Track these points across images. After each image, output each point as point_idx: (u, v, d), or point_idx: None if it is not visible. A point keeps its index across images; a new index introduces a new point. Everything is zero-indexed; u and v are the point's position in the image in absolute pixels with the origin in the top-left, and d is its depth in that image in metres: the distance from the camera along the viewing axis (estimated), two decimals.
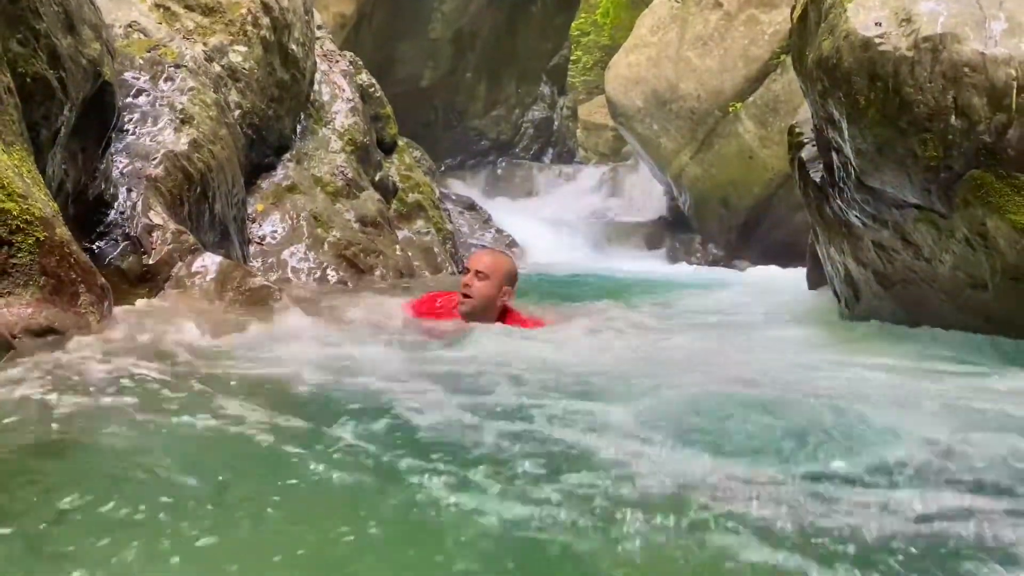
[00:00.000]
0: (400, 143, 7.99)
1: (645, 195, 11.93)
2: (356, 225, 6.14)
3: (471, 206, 10.05)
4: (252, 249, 5.50)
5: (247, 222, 5.50)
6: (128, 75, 4.66)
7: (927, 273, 3.34)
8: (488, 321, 3.69)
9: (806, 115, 4.37)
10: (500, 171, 13.31)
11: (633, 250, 10.65)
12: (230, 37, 5.60)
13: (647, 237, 10.98)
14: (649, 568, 1.43)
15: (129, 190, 4.14)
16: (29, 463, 1.73)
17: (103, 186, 3.98)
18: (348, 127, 6.68)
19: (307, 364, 2.63)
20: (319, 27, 7.22)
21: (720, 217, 10.04)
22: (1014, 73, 2.80)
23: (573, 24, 15.67)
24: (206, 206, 4.65)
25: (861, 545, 1.48)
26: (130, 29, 5.03)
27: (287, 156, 6.16)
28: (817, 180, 3.96)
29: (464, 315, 3.70)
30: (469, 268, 3.80)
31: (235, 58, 5.58)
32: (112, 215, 4.01)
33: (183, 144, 4.55)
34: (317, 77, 6.72)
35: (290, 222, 5.78)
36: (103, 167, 3.98)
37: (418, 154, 9.54)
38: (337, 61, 7.10)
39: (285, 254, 5.63)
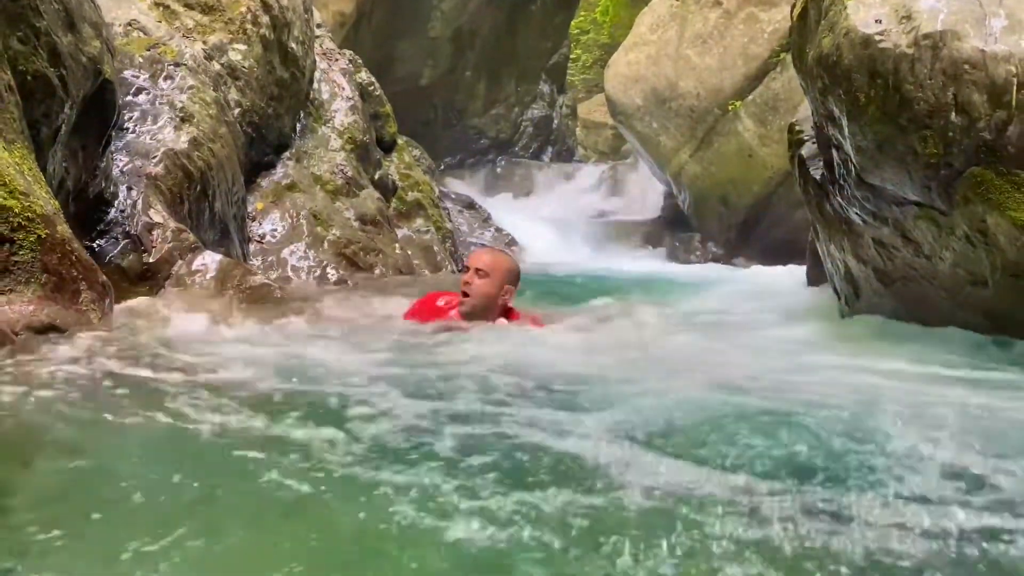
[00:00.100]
0: (399, 142, 7.98)
1: (644, 194, 11.91)
2: (356, 223, 6.15)
3: (470, 205, 10.05)
4: (252, 247, 5.50)
5: (247, 220, 5.50)
6: (128, 73, 4.66)
7: (927, 270, 3.34)
8: (488, 320, 3.60)
9: (806, 113, 4.37)
10: (499, 170, 13.30)
11: (633, 249, 10.64)
12: (230, 35, 5.60)
13: (647, 236, 10.97)
14: None
15: (129, 188, 4.15)
16: None
17: (103, 184, 3.98)
18: (348, 125, 6.68)
19: (294, 366, 2.57)
20: (318, 25, 7.22)
21: (720, 215, 10.04)
22: (1014, 70, 2.81)
23: (572, 22, 15.66)
24: (206, 204, 4.65)
25: (860, 567, 1.37)
26: (130, 27, 5.03)
27: (287, 154, 6.16)
28: (817, 177, 3.96)
29: (464, 315, 3.60)
30: (469, 266, 3.70)
31: (235, 56, 5.58)
32: (112, 213, 4.02)
33: (183, 142, 4.55)
34: (317, 75, 6.72)
35: (290, 220, 5.78)
36: (103, 165, 3.98)
37: (417, 153, 9.54)
38: (336, 59, 7.10)
39: (285, 252, 5.63)
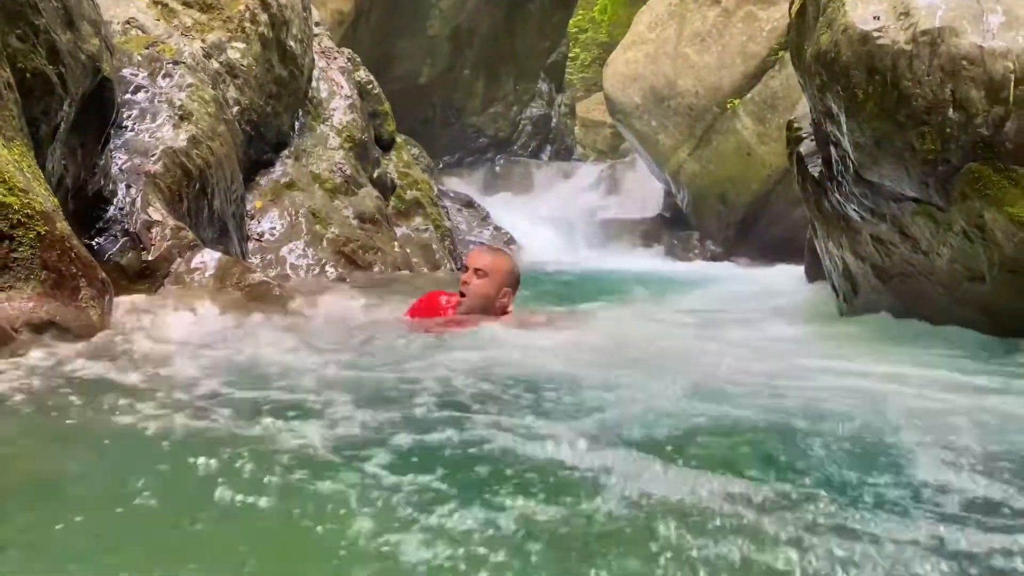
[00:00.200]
0: (398, 140, 7.99)
1: (643, 192, 11.93)
2: (354, 222, 6.15)
3: (469, 203, 10.06)
4: (251, 246, 5.50)
5: (246, 219, 5.50)
6: (127, 72, 4.66)
7: (925, 266, 3.35)
8: (487, 319, 3.51)
9: (804, 110, 4.38)
10: (498, 168, 13.30)
11: (631, 247, 10.66)
12: (228, 34, 5.60)
13: (645, 234, 10.99)
14: None
15: (128, 186, 4.14)
16: None
17: (102, 182, 3.98)
18: (346, 124, 6.68)
19: (265, 369, 2.47)
20: (317, 24, 7.22)
21: (718, 214, 10.05)
22: (1011, 66, 2.81)
23: (571, 21, 15.67)
24: (205, 202, 4.65)
25: None
26: (128, 26, 5.03)
27: (285, 153, 6.17)
28: (815, 174, 3.97)
29: (460, 314, 3.53)
30: (468, 266, 3.63)
31: (233, 55, 5.58)
32: (111, 211, 4.01)
33: (182, 140, 4.55)
34: (315, 74, 6.72)
35: (289, 219, 5.78)
36: (102, 163, 3.98)
37: (416, 151, 9.54)
38: (335, 58, 7.10)
39: (284, 251, 5.64)
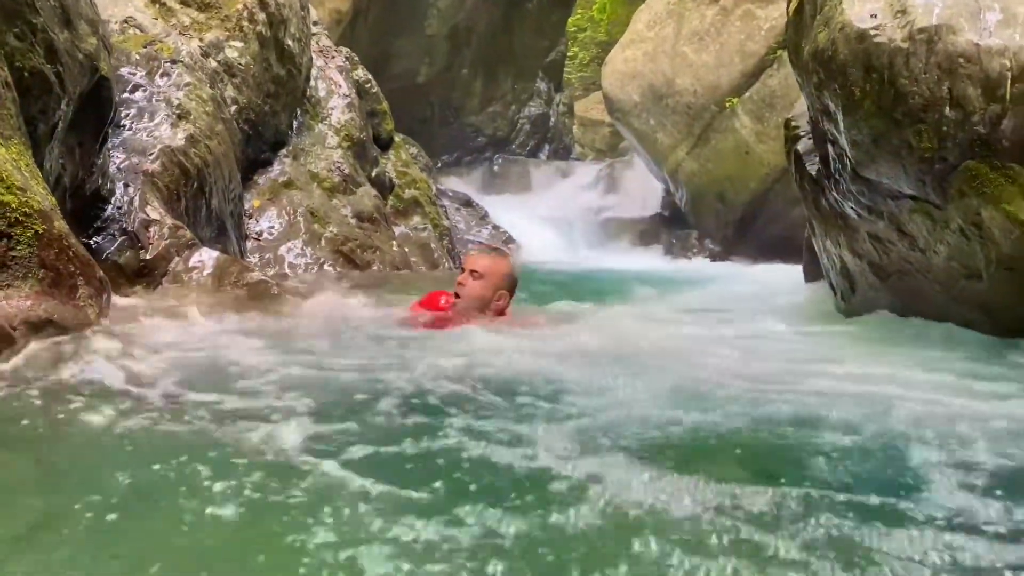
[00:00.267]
0: (396, 139, 7.99)
1: (642, 191, 11.93)
2: (353, 221, 6.15)
3: (468, 202, 10.06)
4: (249, 245, 5.50)
5: (244, 218, 5.50)
6: (124, 71, 4.67)
7: (922, 264, 3.35)
8: (483, 320, 3.48)
9: (802, 109, 4.38)
10: (497, 167, 13.30)
11: (630, 246, 10.67)
12: (226, 33, 5.60)
13: (644, 233, 11.00)
14: None
15: (126, 185, 4.15)
16: None
17: (100, 181, 3.98)
18: (344, 123, 6.68)
19: (264, 370, 2.43)
20: (315, 23, 7.22)
21: (717, 212, 10.06)
22: (1008, 64, 2.82)
23: (570, 20, 15.67)
24: (203, 201, 4.65)
25: None
26: (126, 25, 5.03)
27: (283, 152, 6.17)
28: (813, 173, 3.97)
29: (457, 315, 3.51)
30: (465, 267, 3.63)
31: (231, 54, 5.58)
32: (109, 210, 4.02)
33: (180, 139, 4.55)
34: (313, 73, 6.72)
35: (287, 218, 5.79)
36: (100, 162, 3.98)
37: (415, 150, 9.54)
38: (333, 57, 7.10)
39: (282, 249, 5.64)
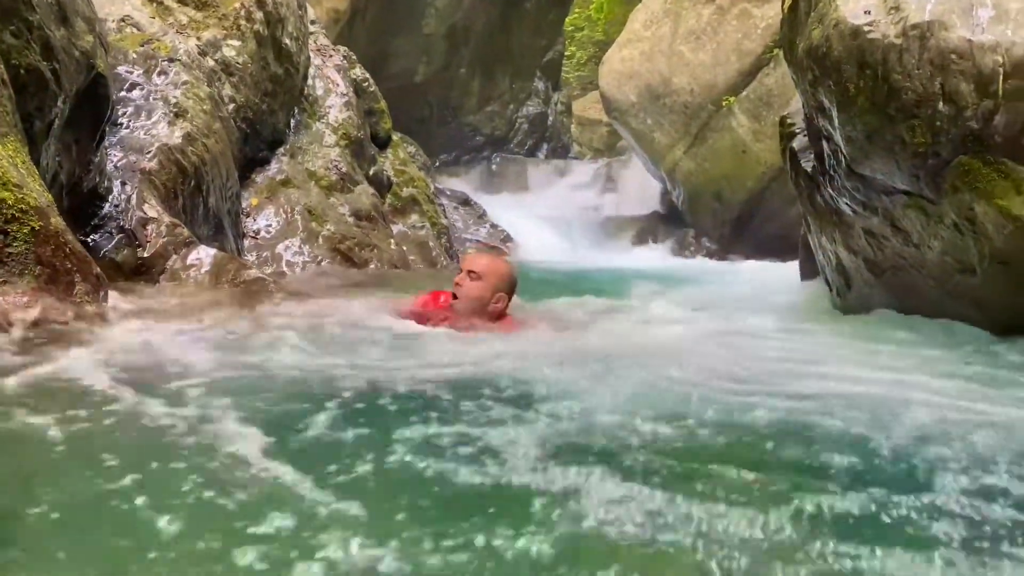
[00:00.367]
0: (394, 138, 8.00)
1: (640, 190, 11.95)
2: (350, 219, 6.16)
3: (466, 201, 10.07)
4: (246, 243, 5.50)
5: (241, 216, 5.51)
6: (122, 69, 4.67)
7: (916, 259, 3.37)
8: (481, 322, 3.43)
9: (797, 106, 4.40)
10: (495, 167, 13.31)
11: (628, 244, 10.69)
12: (223, 31, 5.61)
13: (641, 232, 11.02)
14: None
15: (123, 183, 4.15)
16: None
17: (97, 179, 3.99)
18: (342, 121, 6.68)
19: (243, 372, 2.37)
20: (313, 22, 7.22)
21: (713, 211, 10.08)
22: (1000, 60, 2.83)
23: (567, 19, 15.69)
24: (200, 199, 4.66)
25: None
26: (123, 23, 5.04)
27: (281, 150, 6.17)
28: (808, 169, 3.99)
29: (455, 316, 3.44)
30: (463, 268, 3.58)
31: (229, 52, 5.59)
32: (107, 208, 4.03)
33: (177, 137, 4.56)
34: (311, 72, 6.72)
35: (284, 216, 5.79)
36: (97, 160, 3.99)
37: (412, 149, 9.55)
38: (331, 56, 7.10)
39: (280, 248, 5.64)
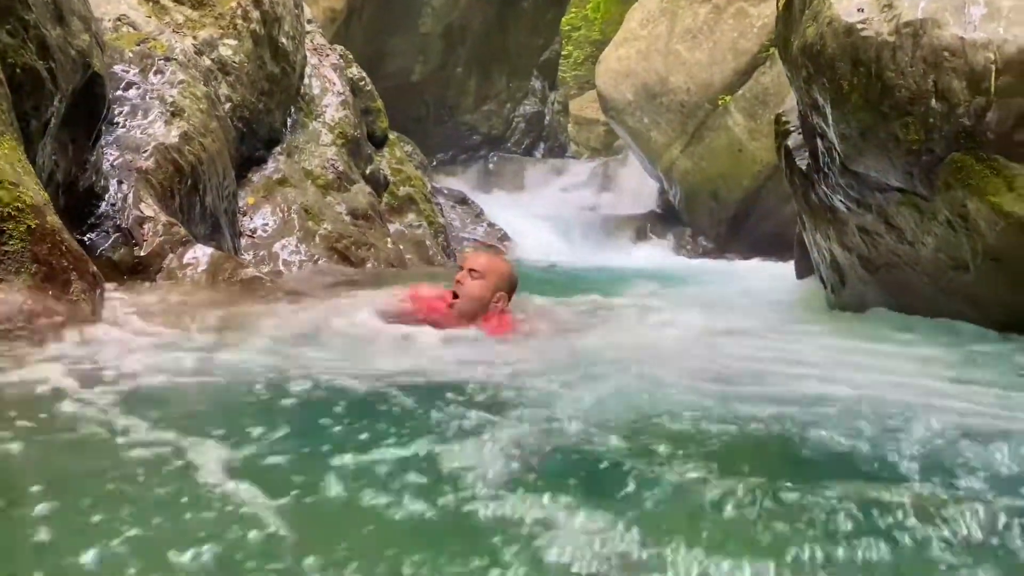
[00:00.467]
0: (391, 137, 8.01)
1: (636, 189, 11.97)
2: (347, 218, 6.16)
3: (463, 200, 10.07)
4: (243, 242, 5.51)
5: (238, 215, 5.51)
6: (118, 68, 4.67)
7: (910, 256, 3.38)
8: (480, 321, 3.34)
9: (792, 104, 4.41)
10: (492, 166, 13.32)
11: (625, 243, 10.70)
12: (220, 31, 5.61)
13: (638, 230, 11.03)
14: None
15: (120, 182, 4.16)
16: None
17: (94, 178, 4.00)
18: (339, 120, 6.69)
19: (218, 375, 2.32)
20: (309, 21, 7.23)
21: (710, 210, 10.10)
22: (992, 57, 2.84)
23: (564, 19, 15.69)
24: (197, 198, 4.67)
25: None
26: (119, 23, 5.04)
27: (277, 149, 6.18)
28: (803, 167, 4.00)
29: (455, 316, 3.34)
30: (463, 266, 3.47)
31: (225, 51, 5.59)
32: (103, 207, 4.03)
33: (173, 136, 4.57)
34: (307, 71, 6.73)
35: (281, 215, 5.80)
36: (93, 159, 4.00)
37: (409, 148, 9.56)
38: (327, 55, 7.11)
39: (276, 247, 5.65)
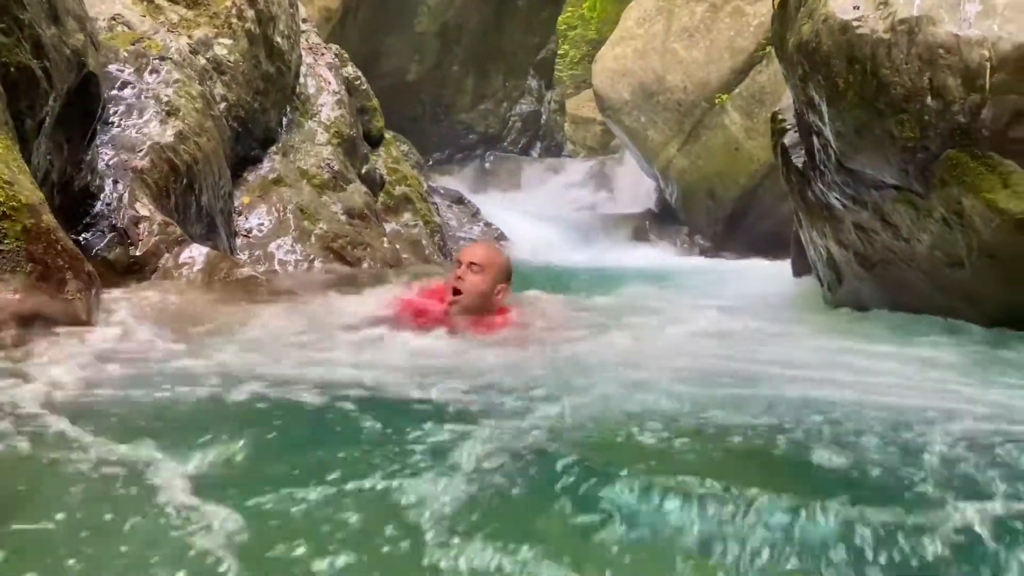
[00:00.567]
0: (387, 136, 7.99)
1: (633, 188, 11.98)
2: (343, 217, 6.15)
3: (459, 199, 10.07)
4: (239, 242, 5.50)
5: (233, 215, 5.50)
6: (113, 67, 4.66)
7: (906, 253, 3.39)
8: (481, 323, 3.24)
9: (788, 102, 4.41)
10: (488, 165, 13.32)
11: (622, 242, 10.69)
12: (215, 30, 5.60)
13: (635, 229, 11.03)
14: None
15: (115, 182, 4.15)
16: None
17: (89, 178, 3.99)
18: (334, 120, 6.68)
19: (200, 378, 2.29)
20: (304, 20, 7.22)
21: (707, 209, 10.10)
22: (987, 54, 2.85)
23: (560, 18, 15.69)
24: (192, 198, 4.66)
25: None
26: (114, 22, 5.03)
27: (273, 149, 6.16)
28: (799, 165, 4.01)
29: (456, 315, 3.22)
30: (461, 261, 3.33)
31: (220, 51, 5.58)
32: (98, 207, 4.02)
33: (169, 136, 4.55)
34: (303, 70, 6.72)
35: (277, 215, 5.78)
36: (89, 159, 3.99)
37: (405, 148, 9.55)
38: (323, 54, 7.10)
39: (272, 247, 5.63)
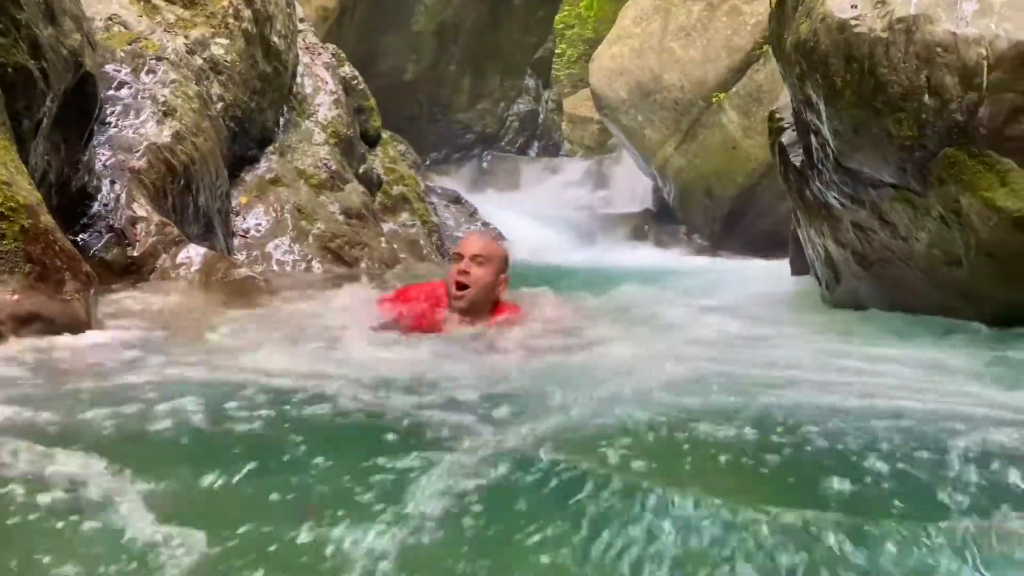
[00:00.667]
0: (384, 136, 7.99)
1: (630, 187, 11.99)
2: (340, 217, 6.15)
3: (457, 199, 10.06)
4: (236, 242, 5.49)
5: (231, 215, 5.50)
6: (109, 68, 4.65)
7: (904, 251, 3.39)
8: (483, 315, 3.15)
9: (786, 101, 4.42)
10: (485, 164, 13.32)
11: (620, 241, 10.70)
12: (211, 30, 5.60)
13: (633, 229, 11.04)
14: None
15: (112, 182, 4.14)
16: None
17: (86, 178, 3.98)
18: (331, 119, 6.68)
19: (187, 382, 2.22)
20: (301, 20, 7.21)
21: (705, 208, 10.11)
22: (984, 52, 2.85)
23: (557, 17, 15.69)
24: (190, 198, 4.65)
25: None
26: (110, 22, 5.02)
27: (270, 149, 6.16)
28: (797, 164, 4.01)
29: (462, 311, 3.11)
30: (462, 254, 3.18)
31: (217, 51, 5.57)
32: (96, 207, 4.01)
33: (166, 136, 4.55)
34: (299, 70, 6.71)
35: (274, 215, 5.78)
36: (86, 159, 3.98)
37: (403, 147, 9.55)
38: (319, 54, 7.10)
39: (270, 247, 5.63)
